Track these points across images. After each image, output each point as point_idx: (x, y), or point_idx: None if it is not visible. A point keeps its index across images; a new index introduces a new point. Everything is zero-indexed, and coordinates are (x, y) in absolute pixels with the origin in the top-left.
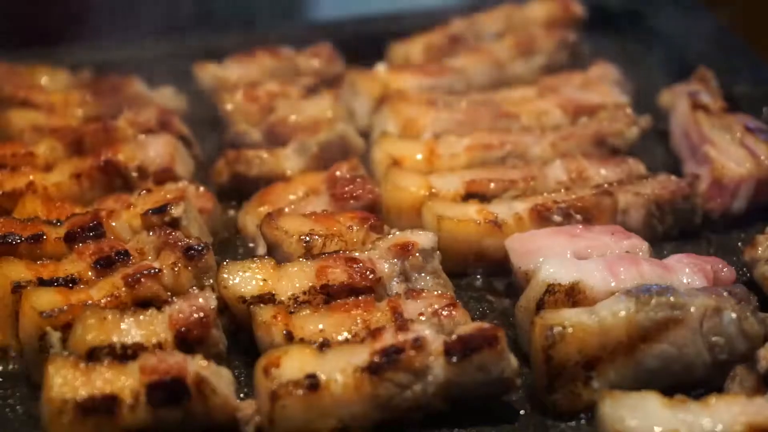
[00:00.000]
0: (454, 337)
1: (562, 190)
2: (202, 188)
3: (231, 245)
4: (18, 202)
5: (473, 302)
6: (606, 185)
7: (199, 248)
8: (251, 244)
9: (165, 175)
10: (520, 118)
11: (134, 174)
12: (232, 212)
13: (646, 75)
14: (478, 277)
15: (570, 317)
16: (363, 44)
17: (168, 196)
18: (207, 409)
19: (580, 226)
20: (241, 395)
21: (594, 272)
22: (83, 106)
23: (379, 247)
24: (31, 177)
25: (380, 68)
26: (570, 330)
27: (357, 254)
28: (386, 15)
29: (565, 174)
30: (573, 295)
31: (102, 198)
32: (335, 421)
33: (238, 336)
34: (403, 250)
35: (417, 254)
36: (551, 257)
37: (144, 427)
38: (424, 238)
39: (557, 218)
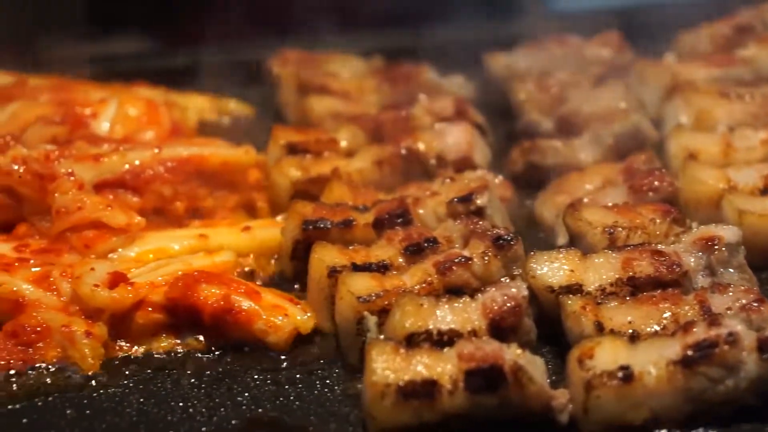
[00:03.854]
0: (767, 333)
1: None
2: (500, 177)
3: (528, 233)
4: (324, 188)
5: None
6: None
7: (509, 238)
8: (546, 233)
9: (464, 164)
10: None
11: (433, 162)
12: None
13: None
14: None
15: None
16: (646, 33)
17: (471, 184)
18: (522, 397)
19: None
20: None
21: None
22: (377, 93)
23: (683, 241)
24: (335, 163)
25: (669, 58)
26: None
27: (662, 247)
28: (671, 3)
29: None
30: None
31: (404, 185)
32: (647, 412)
33: (543, 325)
34: (709, 244)
35: (723, 248)
36: None
37: (460, 413)
38: (729, 233)
39: None
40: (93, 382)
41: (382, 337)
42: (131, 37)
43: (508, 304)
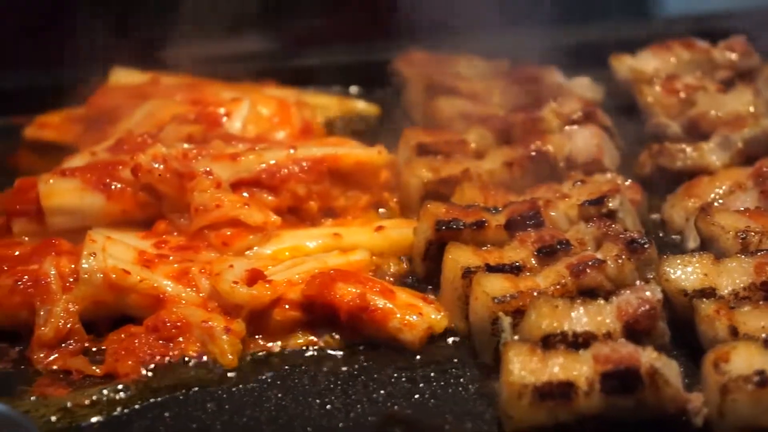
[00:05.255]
0: None
1: None
2: (629, 180)
3: (656, 236)
4: (455, 189)
5: None
6: None
7: (643, 242)
8: (677, 236)
9: (593, 166)
10: None
11: (562, 164)
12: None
13: None
14: None
15: None
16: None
17: (602, 187)
18: (658, 400)
19: None
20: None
21: None
22: (504, 94)
23: None
24: (465, 164)
25: None
26: None
27: None
28: None
29: None
30: None
31: (534, 187)
32: None
33: (674, 328)
34: None
35: None
36: None
37: (596, 414)
38: None
39: None
40: (232, 377)
41: (516, 337)
42: (258, 37)
43: (644, 307)
